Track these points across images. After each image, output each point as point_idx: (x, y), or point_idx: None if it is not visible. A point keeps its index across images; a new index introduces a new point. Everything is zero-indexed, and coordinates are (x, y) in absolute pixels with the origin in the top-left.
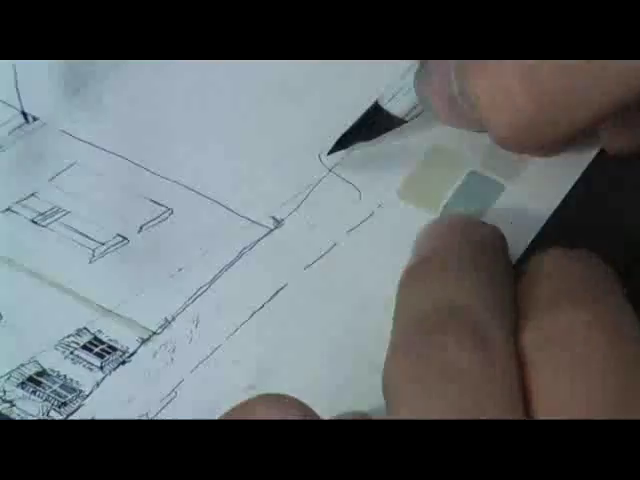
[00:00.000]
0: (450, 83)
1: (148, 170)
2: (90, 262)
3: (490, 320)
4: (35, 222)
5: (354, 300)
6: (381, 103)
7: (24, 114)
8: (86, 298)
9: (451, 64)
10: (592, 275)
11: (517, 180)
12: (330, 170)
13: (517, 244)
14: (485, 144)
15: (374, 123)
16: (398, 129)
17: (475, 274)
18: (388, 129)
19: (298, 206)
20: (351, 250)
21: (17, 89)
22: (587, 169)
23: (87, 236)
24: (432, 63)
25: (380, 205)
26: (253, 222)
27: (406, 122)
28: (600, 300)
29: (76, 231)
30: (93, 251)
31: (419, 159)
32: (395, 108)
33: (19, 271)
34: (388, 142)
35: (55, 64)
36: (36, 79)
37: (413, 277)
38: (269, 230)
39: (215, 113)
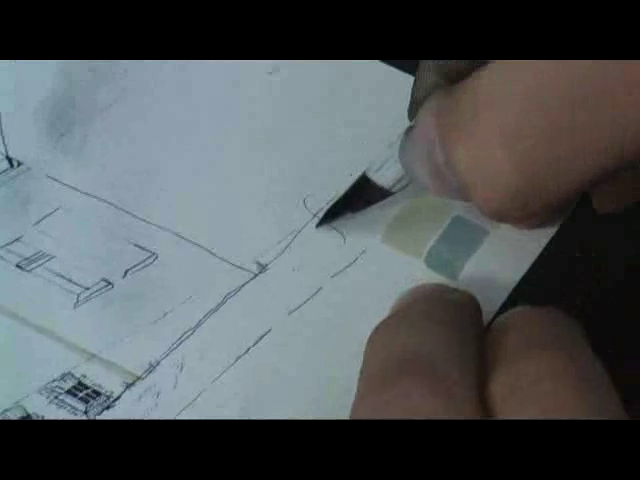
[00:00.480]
0: (434, 152)
1: (133, 215)
2: (75, 307)
3: (455, 369)
4: (20, 267)
5: (338, 345)
6: (369, 174)
7: (9, 159)
8: (71, 343)
9: (435, 133)
10: (558, 327)
11: (501, 225)
12: (314, 215)
13: (500, 289)
14: None
15: (362, 195)
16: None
17: (441, 327)
18: (376, 200)
19: (282, 251)
20: (335, 295)
21: (1, 134)
22: (572, 215)
23: (72, 281)
24: (416, 132)
25: (364, 250)
26: (237, 267)
27: (393, 194)
28: (567, 351)
29: (61, 276)
30: (78, 296)
31: (403, 205)
32: (382, 179)
33: (4, 315)
34: None
35: (40, 108)
36: (21, 124)
37: (380, 330)
38: (253, 275)
39: (200, 158)
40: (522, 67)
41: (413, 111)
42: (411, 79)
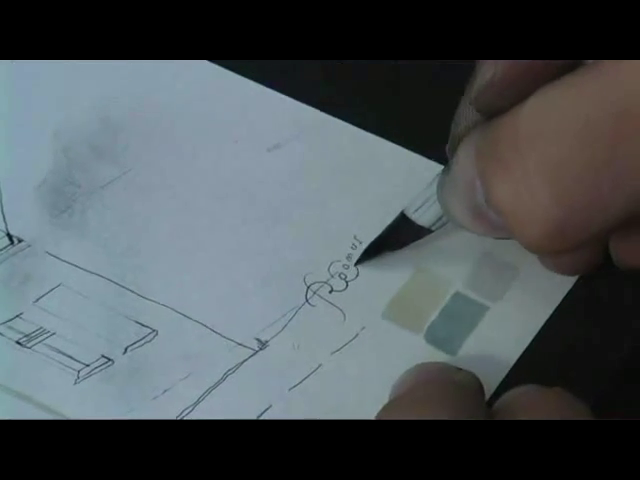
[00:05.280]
0: (475, 190)
1: (133, 292)
2: (75, 383)
3: None
4: (20, 343)
5: None
6: (407, 213)
7: (9, 236)
8: (71, 419)
9: (475, 170)
10: (565, 411)
11: (502, 301)
12: (315, 293)
13: (500, 366)
14: (469, 265)
15: (401, 233)
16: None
17: (449, 413)
18: (415, 239)
19: (283, 328)
20: (336, 371)
21: (2, 211)
22: (571, 289)
23: (72, 357)
24: (456, 170)
25: (364, 327)
26: (238, 344)
27: (432, 232)
28: None
29: (61, 352)
30: (78, 372)
31: (403, 281)
32: (422, 219)
33: (4, 392)
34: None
35: (40, 185)
36: (21, 201)
37: (386, 415)
38: (254, 352)
39: (200, 235)
40: (562, 102)
41: (452, 148)
42: (410, 155)
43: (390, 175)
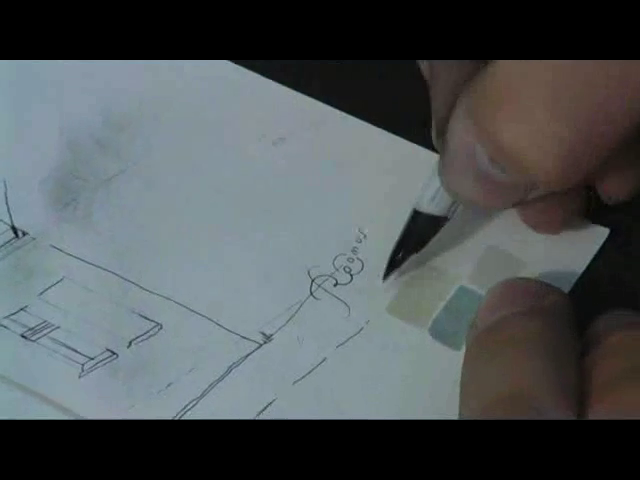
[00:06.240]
0: (477, 154)
1: (137, 285)
2: (79, 377)
3: (554, 406)
4: (25, 337)
5: (343, 415)
6: (420, 208)
7: (14, 229)
8: (75, 413)
9: (472, 138)
10: None
11: None
12: (319, 286)
13: None
14: (474, 259)
15: (420, 231)
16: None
17: (542, 353)
18: (435, 232)
19: (287, 321)
20: (340, 365)
21: (7, 204)
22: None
23: (76, 351)
24: (453, 146)
25: (369, 321)
26: (242, 337)
27: (448, 220)
28: None
29: (65, 346)
30: (82, 366)
31: (407, 275)
32: (437, 208)
33: (8, 386)
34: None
35: (45, 179)
36: (26, 194)
37: (480, 350)
38: (258, 345)
39: (204, 228)
40: None
41: (439, 134)
42: (414, 147)
43: (395, 168)
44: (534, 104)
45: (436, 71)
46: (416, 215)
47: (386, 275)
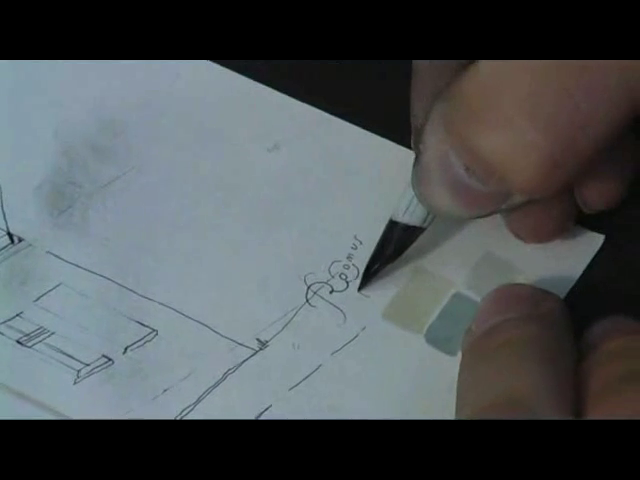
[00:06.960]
0: (451, 167)
1: (133, 291)
2: (75, 383)
3: (550, 412)
4: (20, 343)
5: None
6: (397, 218)
7: (10, 235)
8: (70, 419)
9: (446, 146)
10: None
11: None
12: (315, 293)
13: None
14: (469, 266)
15: (396, 241)
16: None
17: (539, 359)
18: (411, 242)
19: (283, 328)
20: (336, 372)
21: (3, 210)
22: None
23: (72, 357)
24: (427, 156)
25: (364, 327)
26: (238, 343)
27: (425, 229)
28: None
29: (61, 352)
30: (78, 372)
31: (403, 282)
32: (413, 218)
33: (3, 391)
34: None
35: (41, 185)
36: (22, 200)
37: (476, 356)
38: (254, 351)
39: (200, 235)
40: None
41: (418, 140)
42: (409, 153)
43: (390, 175)
44: (513, 112)
45: (417, 74)
46: (392, 225)
47: (362, 285)
